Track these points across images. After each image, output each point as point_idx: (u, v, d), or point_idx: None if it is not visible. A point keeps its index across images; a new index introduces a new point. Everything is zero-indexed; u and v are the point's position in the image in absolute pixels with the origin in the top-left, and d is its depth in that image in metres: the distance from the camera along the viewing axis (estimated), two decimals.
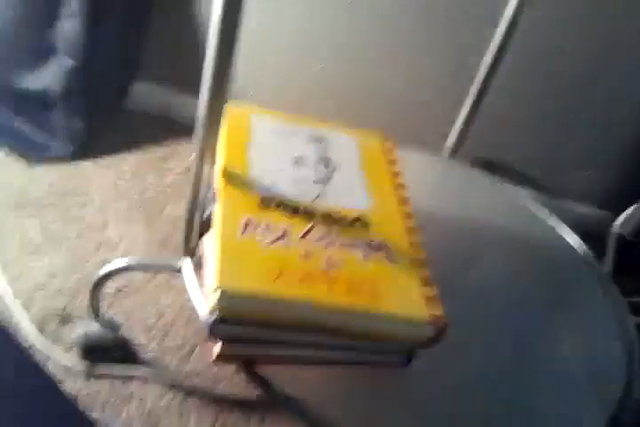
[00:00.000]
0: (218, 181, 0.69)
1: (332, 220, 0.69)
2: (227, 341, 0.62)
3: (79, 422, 0.82)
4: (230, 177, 0.70)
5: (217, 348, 0.62)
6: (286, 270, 0.60)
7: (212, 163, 0.69)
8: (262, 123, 0.80)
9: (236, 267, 0.59)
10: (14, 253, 1.05)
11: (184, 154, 1.32)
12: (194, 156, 0.67)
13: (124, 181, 1.25)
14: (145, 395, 0.86)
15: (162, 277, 1.02)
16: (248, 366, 0.65)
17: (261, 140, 0.77)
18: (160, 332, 0.95)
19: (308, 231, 0.66)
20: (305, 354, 0.65)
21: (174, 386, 0.86)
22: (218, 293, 0.57)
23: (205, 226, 0.71)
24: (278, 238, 0.64)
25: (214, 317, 0.59)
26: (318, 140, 0.81)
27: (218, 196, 0.67)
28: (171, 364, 0.90)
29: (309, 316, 0.60)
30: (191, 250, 0.74)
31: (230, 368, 0.88)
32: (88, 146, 1.27)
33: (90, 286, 0.81)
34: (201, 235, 0.73)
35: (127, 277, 1.01)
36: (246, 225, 0.64)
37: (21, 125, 1.27)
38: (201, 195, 0.70)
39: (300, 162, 0.76)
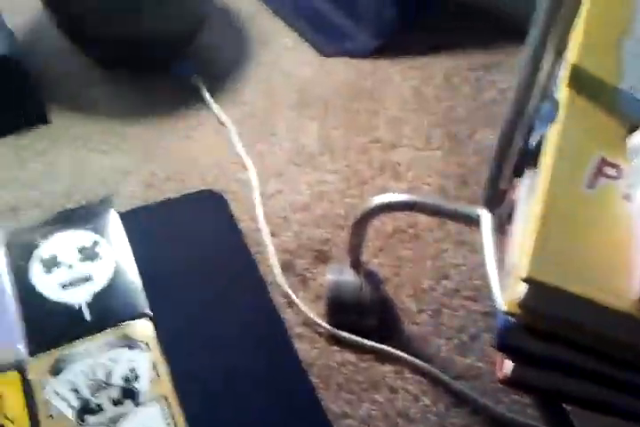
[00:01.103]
0: (562, 92, 0.54)
1: None
2: (523, 359, 0.49)
3: (305, 397, 0.74)
4: (584, 86, 0.54)
5: (508, 367, 0.50)
6: None
7: (554, 66, 0.56)
8: None
9: (571, 244, 0.44)
10: (280, 161, 1.01)
11: (514, 64, 1.15)
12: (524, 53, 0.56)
13: (431, 89, 1.17)
14: (397, 387, 0.77)
15: (455, 225, 0.93)
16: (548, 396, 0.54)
17: None
18: (437, 301, 0.86)
19: None
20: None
21: (440, 385, 0.77)
22: (526, 286, 0.43)
23: (528, 160, 0.58)
24: None
25: (512, 320, 0.45)
26: None
27: (558, 115, 0.52)
28: (442, 351, 0.81)
29: None
30: (497, 197, 0.64)
31: None
32: (394, 40, 1.22)
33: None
34: (519, 173, 0.61)
35: (408, 217, 0.94)
36: (599, 170, 0.48)
37: (323, 6, 1.26)
38: (526, 114, 0.58)
39: None
